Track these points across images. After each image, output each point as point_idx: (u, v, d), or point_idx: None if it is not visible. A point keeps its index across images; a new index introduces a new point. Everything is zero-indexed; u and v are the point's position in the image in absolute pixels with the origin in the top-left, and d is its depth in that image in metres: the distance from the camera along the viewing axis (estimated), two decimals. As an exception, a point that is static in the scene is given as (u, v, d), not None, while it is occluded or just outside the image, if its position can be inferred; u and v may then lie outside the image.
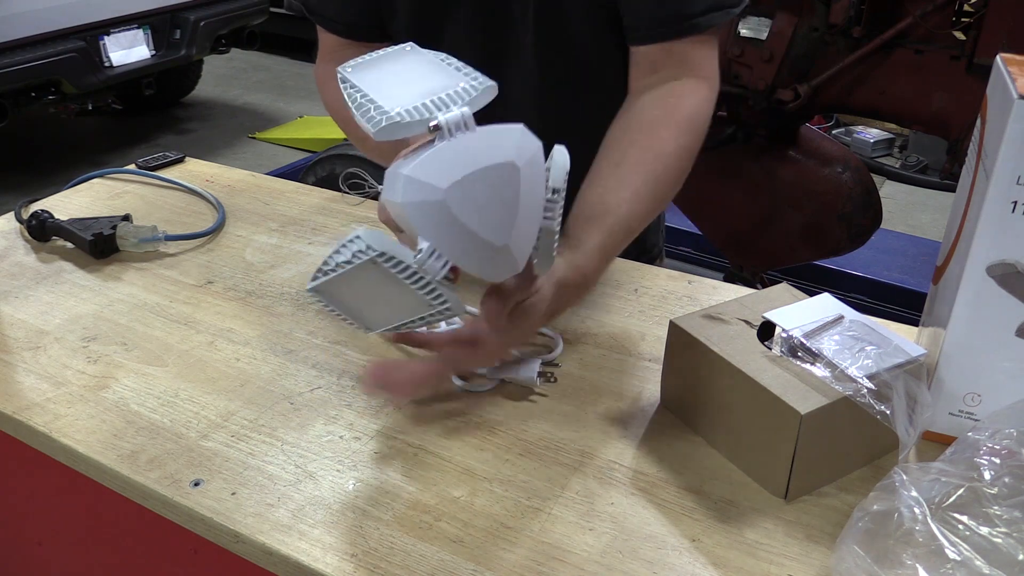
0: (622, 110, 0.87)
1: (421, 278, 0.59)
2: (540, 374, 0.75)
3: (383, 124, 0.57)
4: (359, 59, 0.64)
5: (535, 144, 0.62)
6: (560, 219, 0.67)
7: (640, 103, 0.86)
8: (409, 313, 0.64)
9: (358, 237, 0.59)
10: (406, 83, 0.61)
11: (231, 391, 0.76)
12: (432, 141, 0.58)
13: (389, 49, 0.65)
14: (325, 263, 0.61)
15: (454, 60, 0.62)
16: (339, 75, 0.63)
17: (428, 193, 0.58)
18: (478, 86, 0.60)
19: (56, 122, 4.50)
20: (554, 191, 0.64)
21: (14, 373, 0.78)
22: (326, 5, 0.98)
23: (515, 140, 0.61)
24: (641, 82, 0.88)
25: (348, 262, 0.60)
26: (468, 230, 0.59)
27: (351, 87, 0.62)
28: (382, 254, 0.59)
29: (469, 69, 0.61)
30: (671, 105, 0.84)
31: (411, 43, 0.65)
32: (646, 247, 1.11)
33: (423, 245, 0.58)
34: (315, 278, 0.62)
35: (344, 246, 0.60)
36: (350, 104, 0.60)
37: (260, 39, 4.29)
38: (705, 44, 0.87)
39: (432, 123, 0.57)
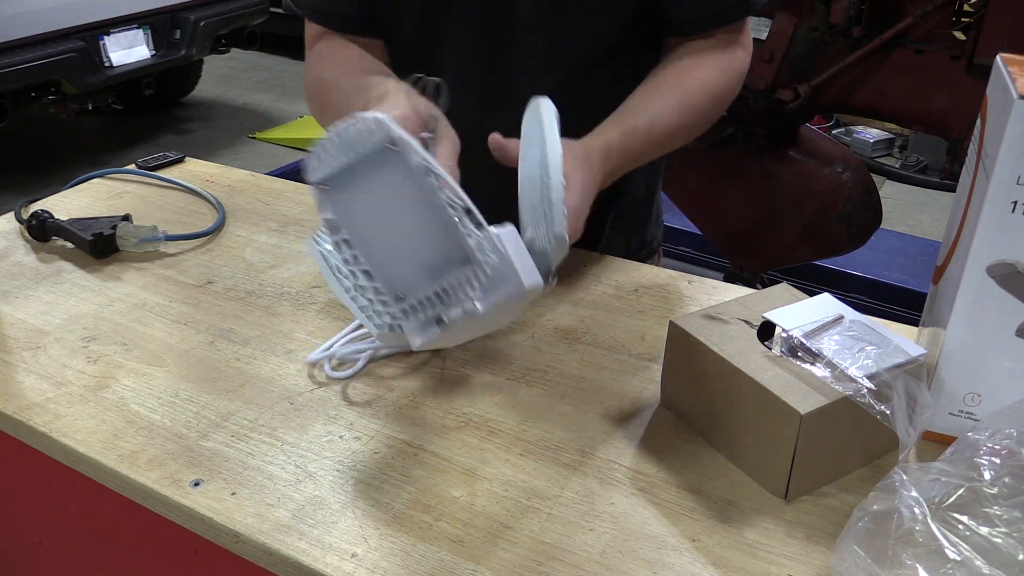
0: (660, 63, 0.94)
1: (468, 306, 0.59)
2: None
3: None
4: (327, 160, 0.60)
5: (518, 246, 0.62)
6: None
7: (676, 54, 0.93)
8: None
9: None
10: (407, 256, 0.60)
11: (231, 391, 0.76)
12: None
13: (366, 155, 0.58)
14: (460, 199, 0.58)
15: (456, 197, 0.58)
16: (316, 249, 0.62)
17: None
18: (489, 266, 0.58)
19: (56, 122, 4.50)
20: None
21: (14, 373, 0.78)
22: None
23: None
24: (674, 41, 0.94)
25: (470, 218, 0.58)
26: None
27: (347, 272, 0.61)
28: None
29: (471, 223, 0.58)
30: (705, 56, 0.92)
31: (395, 137, 0.58)
32: (645, 239, 1.12)
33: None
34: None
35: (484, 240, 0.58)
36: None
37: (260, 39, 4.29)
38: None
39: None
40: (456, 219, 0.58)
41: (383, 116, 0.57)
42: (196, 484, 0.66)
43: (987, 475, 0.54)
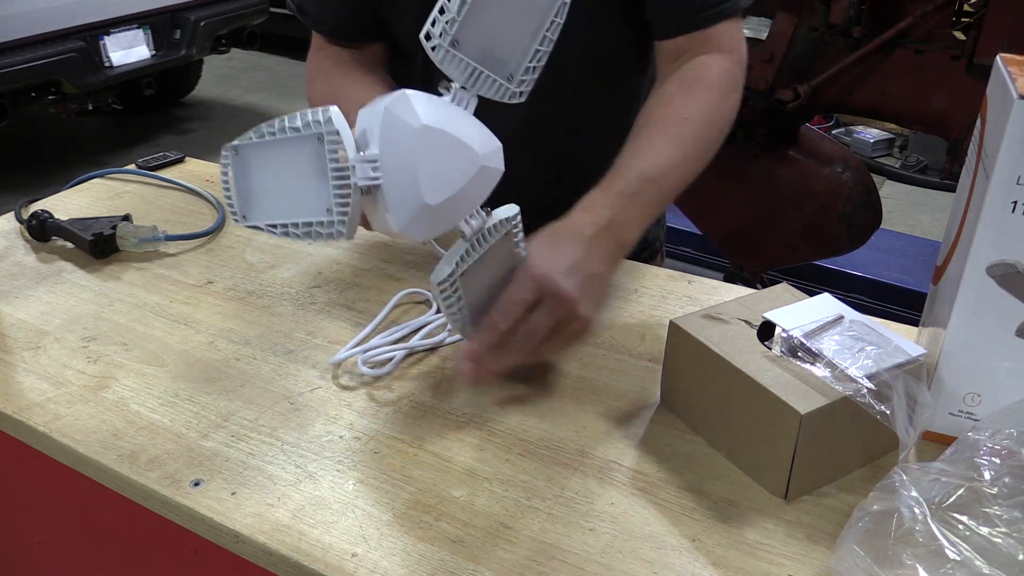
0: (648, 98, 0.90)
1: (345, 177, 0.62)
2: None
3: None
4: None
5: (497, 157, 0.66)
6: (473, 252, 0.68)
7: (662, 86, 0.89)
8: (304, 213, 0.65)
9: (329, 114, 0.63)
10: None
11: (231, 391, 0.76)
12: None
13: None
14: (271, 124, 0.65)
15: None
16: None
17: (405, 124, 0.63)
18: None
19: (56, 122, 4.50)
20: (485, 233, 0.68)
21: (14, 373, 0.78)
22: (317, 6, 0.99)
23: (482, 140, 0.65)
24: (667, 68, 0.91)
25: (296, 129, 0.63)
26: (416, 171, 0.63)
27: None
28: (334, 132, 0.62)
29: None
30: (689, 77, 0.88)
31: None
32: (648, 240, 1.12)
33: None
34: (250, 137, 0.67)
35: (305, 114, 0.63)
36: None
37: (260, 39, 4.29)
38: (728, 23, 0.90)
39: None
40: (289, 126, 0.64)
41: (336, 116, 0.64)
42: (196, 484, 0.66)
43: (987, 475, 0.54)
